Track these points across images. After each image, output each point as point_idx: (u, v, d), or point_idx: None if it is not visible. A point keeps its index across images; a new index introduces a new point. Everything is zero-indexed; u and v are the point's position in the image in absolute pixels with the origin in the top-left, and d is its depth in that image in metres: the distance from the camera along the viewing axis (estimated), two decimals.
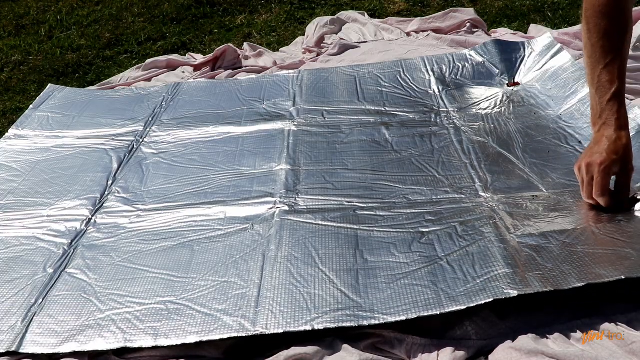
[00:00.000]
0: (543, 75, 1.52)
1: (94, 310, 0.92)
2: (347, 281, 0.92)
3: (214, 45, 2.31)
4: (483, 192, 1.11)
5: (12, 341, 0.87)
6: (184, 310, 0.90)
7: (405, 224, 1.04)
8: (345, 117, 1.47)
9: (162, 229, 1.11)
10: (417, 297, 0.87)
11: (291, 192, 1.17)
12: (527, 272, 0.87)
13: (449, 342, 0.82)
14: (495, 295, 0.84)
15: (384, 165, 1.24)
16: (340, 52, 2.01)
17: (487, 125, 1.36)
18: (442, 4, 2.54)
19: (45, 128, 1.56)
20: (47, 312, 0.93)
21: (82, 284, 0.99)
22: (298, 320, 0.86)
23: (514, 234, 0.98)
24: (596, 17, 0.97)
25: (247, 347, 0.86)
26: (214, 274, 0.98)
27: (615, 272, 0.84)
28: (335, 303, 0.88)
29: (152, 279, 0.98)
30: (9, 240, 1.12)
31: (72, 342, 0.86)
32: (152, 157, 1.37)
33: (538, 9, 2.36)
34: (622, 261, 0.86)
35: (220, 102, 1.62)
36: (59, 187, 1.28)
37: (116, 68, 2.31)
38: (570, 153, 1.20)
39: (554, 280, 0.85)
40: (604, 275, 0.84)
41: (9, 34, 2.81)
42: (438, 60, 1.71)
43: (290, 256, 0.99)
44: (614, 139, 0.97)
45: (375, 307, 0.86)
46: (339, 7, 2.63)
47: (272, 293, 0.91)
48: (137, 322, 0.89)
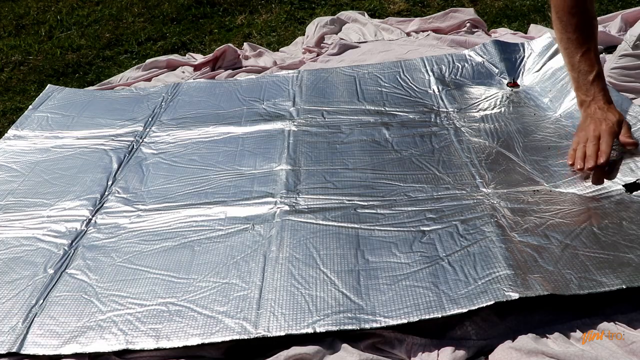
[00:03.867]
0: (543, 76, 1.52)
1: (95, 311, 0.92)
2: (349, 282, 0.92)
3: (214, 45, 2.31)
4: (484, 188, 1.12)
5: (12, 342, 0.87)
6: (186, 312, 0.91)
7: (406, 222, 1.05)
8: (345, 117, 1.47)
9: (162, 229, 1.11)
10: (418, 299, 0.87)
11: (292, 192, 1.17)
12: (529, 274, 0.87)
13: (449, 342, 0.82)
14: (497, 298, 0.84)
15: (384, 165, 1.24)
16: (340, 52, 2.01)
17: (487, 125, 1.36)
18: (442, 4, 2.54)
19: (45, 128, 1.56)
20: (48, 313, 0.93)
21: (82, 285, 0.99)
22: (300, 323, 0.86)
23: (515, 231, 0.98)
24: (567, 16, 1.14)
25: (247, 347, 0.86)
26: (215, 275, 0.98)
27: (616, 279, 0.84)
28: (337, 305, 0.88)
29: (153, 280, 0.98)
30: (9, 241, 1.12)
31: (74, 344, 0.87)
32: (152, 157, 1.37)
33: (538, 9, 2.36)
34: (623, 267, 0.87)
35: (220, 102, 1.62)
36: (58, 188, 1.28)
37: (116, 68, 2.30)
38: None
39: (555, 285, 0.85)
40: (605, 283, 0.84)
41: (9, 34, 2.81)
42: (438, 61, 1.71)
43: (291, 257, 0.99)
44: (607, 108, 1.10)
45: (377, 310, 0.86)
46: (339, 7, 2.63)
47: (273, 295, 0.92)
48: (139, 324, 0.89)
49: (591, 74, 1.12)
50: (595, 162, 1.04)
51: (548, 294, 0.83)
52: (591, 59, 1.13)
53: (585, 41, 1.13)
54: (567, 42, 1.15)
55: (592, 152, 1.05)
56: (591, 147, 1.06)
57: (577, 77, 1.14)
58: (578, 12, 1.13)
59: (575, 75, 1.15)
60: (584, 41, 1.13)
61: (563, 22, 1.15)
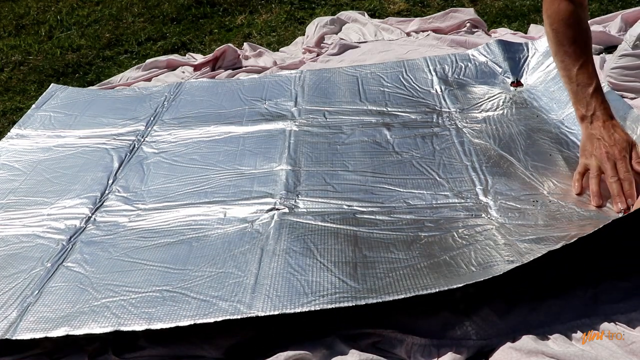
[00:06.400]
0: (546, 77, 1.51)
1: (89, 298, 0.93)
2: (345, 270, 0.93)
3: (214, 45, 2.31)
4: (483, 197, 1.11)
5: (5, 330, 0.87)
6: (180, 297, 0.91)
7: (404, 228, 1.04)
8: (346, 117, 1.47)
9: (161, 228, 1.11)
10: (417, 281, 0.88)
11: (291, 193, 1.17)
12: None
13: (449, 342, 0.82)
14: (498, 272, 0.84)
15: (384, 167, 1.24)
16: (340, 52, 2.01)
17: (489, 126, 1.36)
18: (442, 4, 2.54)
19: (47, 127, 1.56)
20: (43, 302, 0.93)
21: (79, 276, 0.99)
22: (294, 303, 0.86)
23: (512, 239, 0.97)
24: (562, 28, 1.11)
25: (247, 347, 0.86)
26: (211, 265, 0.98)
27: None
28: (332, 288, 0.89)
29: (149, 271, 0.98)
30: (9, 239, 1.12)
31: (65, 327, 0.86)
32: (153, 157, 1.37)
33: (538, 9, 2.36)
34: None
35: (221, 102, 1.62)
36: (59, 186, 1.28)
37: (116, 68, 2.30)
38: (572, 159, 1.19)
39: None
40: None
41: (9, 34, 2.81)
42: (440, 60, 1.71)
43: (288, 249, 1.00)
44: (611, 126, 1.06)
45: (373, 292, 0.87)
46: (339, 7, 2.63)
47: (269, 281, 0.92)
48: (132, 308, 0.89)
49: (590, 86, 1.08)
50: (626, 203, 0.98)
51: (548, 287, 0.85)
52: (589, 71, 1.09)
53: (582, 53, 1.10)
54: (563, 55, 1.11)
55: (617, 191, 1.00)
56: (614, 186, 1.00)
57: (576, 91, 1.10)
58: (574, 23, 1.10)
59: (574, 89, 1.11)
60: (581, 53, 1.10)
61: (559, 34, 1.11)
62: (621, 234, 0.93)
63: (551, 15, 1.12)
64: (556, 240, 0.94)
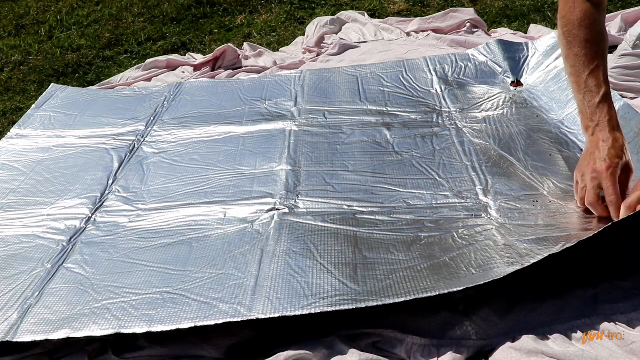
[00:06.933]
0: (546, 77, 1.51)
1: (90, 300, 0.93)
2: (346, 272, 0.93)
3: (214, 45, 2.31)
4: (483, 197, 1.11)
5: (6, 332, 0.87)
6: (180, 299, 0.91)
7: (404, 228, 1.04)
8: (346, 117, 1.47)
9: (161, 228, 1.11)
10: (417, 284, 0.88)
11: (291, 193, 1.17)
12: None
13: (449, 342, 0.82)
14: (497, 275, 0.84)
15: (384, 167, 1.24)
16: (340, 52, 2.01)
17: (489, 126, 1.36)
18: (442, 4, 2.54)
19: (47, 127, 1.56)
20: (43, 304, 0.93)
21: (79, 278, 0.99)
22: (294, 305, 0.86)
23: (512, 240, 0.97)
24: (576, 30, 1.03)
25: (247, 347, 0.86)
26: (211, 267, 0.98)
27: None
28: (333, 290, 0.89)
29: (149, 272, 0.98)
30: (9, 239, 1.12)
31: (66, 329, 0.86)
32: (153, 157, 1.37)
33: (538, 9, 2.36)
34: None
35: (222, 102, 1.62)
36: (59, 187, 1.28)
37: (116, 68, 2.31)
38: (572, 159, 1.19)
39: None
40: None
41: (9, 34, 2.81)
42: (441, 60, 1.71)
43: (289, 251, 1.00)
44: (612, 141, 0.98)
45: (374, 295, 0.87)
46: (339, 7, 2.63)
47: (269, 282, 0.92)
48: (132, 310, 0.89)
49: (598, 95, 1.00)
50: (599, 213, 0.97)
51: (548, 288, 0.85)
52: (599, 77, 1.01)
53: (594, 57, 1.01)
54: (574, 58, 1.03)
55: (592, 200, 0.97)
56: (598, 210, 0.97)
57: (583, 99, 1.03)
58: (589, 24, 1.02)
59: (581, 97, 1.03)
60: (594, 57, 1.01)
61: (571, 36, 1.04)
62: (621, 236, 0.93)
63: (565, 16, 1.06)
64: (556, 241, 0.94)
